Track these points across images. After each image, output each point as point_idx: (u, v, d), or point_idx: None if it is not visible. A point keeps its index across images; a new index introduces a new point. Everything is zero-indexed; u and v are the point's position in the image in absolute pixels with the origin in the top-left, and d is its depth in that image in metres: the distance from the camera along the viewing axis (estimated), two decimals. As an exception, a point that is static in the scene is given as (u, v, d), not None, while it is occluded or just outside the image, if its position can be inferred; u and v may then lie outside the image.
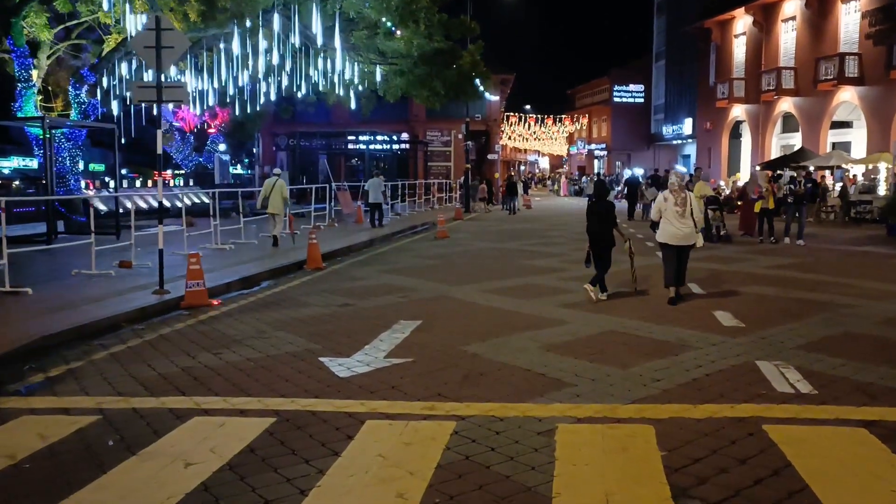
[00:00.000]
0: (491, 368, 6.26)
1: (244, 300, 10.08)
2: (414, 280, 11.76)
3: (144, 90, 9.76)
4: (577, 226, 23.54)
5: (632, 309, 9.01)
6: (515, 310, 9.03)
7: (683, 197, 9.52)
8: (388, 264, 14.03)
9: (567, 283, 11.25)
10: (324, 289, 10.97)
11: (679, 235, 9.41)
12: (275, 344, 7.29)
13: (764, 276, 11.69)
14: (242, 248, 15.85)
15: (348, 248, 16.68)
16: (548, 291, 10.44)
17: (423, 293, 10.43)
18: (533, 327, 7.92)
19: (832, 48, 31.20)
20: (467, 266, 13.61)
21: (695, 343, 7.03)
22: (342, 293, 10.51)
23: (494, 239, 19.16)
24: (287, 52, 17.93)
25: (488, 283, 11.27)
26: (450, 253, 15.88)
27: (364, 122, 38.20)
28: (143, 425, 4.89)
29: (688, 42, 46.07)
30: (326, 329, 8.00)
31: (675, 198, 9.50)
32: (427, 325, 8.11)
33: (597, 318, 8.35)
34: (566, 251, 15.83)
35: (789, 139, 36.46)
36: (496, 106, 47.12)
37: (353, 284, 11.40)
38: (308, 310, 9.20)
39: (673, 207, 9.43)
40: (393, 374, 6.10)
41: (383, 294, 10.38)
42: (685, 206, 9.40)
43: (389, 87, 19.34)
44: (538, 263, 13.75)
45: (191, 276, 9.58)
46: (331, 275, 12.67)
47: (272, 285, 11.48)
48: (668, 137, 52.46)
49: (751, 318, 8.24)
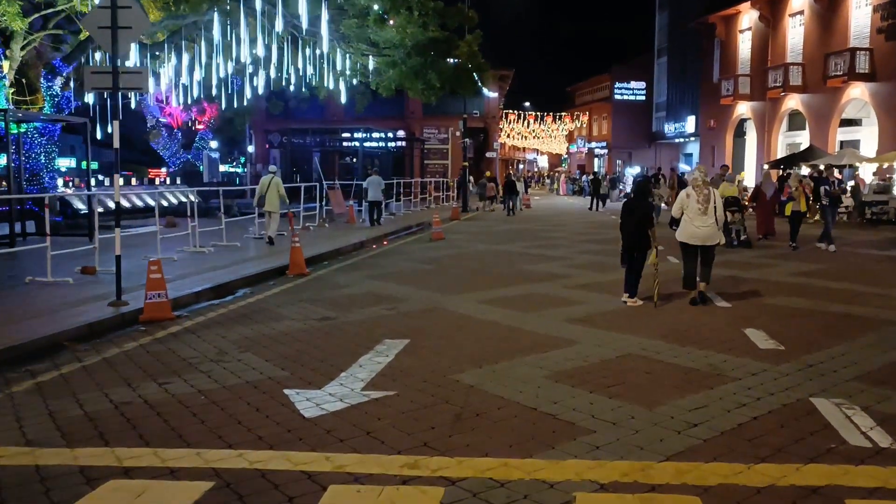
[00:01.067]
0: (488, 406, 5.18)
1: (213, 312, 8.99)
2: (404, 288, 10.67)
3: (99, 76, 8.67)
4: (579, 227, 22.59)
5: (651, 325, 7.93)
6: (517, 325, 7.95)
7: (707, 194, 8.99)
8: (377, 269, 12.94)
9: (573, 292, 10.17)
10: (304, 298, 9.88)
11: (700, 234, 8.94)
12: (236, 370, 6.20)
13: (790, 285, 10.61)
14: (223, 251, 14.76)
15: (337, 251, 15.59)
16: (552, 302, 9.36)
17: (413, 304, 9.35)
18: (537, 349, 6.84)
19: (842, 43, 30.18)
20: (463, 272, 12.53)
21: (730, 371, 5.95)
22: (324, 304, 9.43)
23: (493, 241, 18.08)
24: (273, 41, 16.82)
25: (486, 293, 10.19)
26: (444, 256, 14.80)
27: (359, 119, 37.12)
28: (41, 492, 3.80)
29: (691, 38, 45.02)
30: (299, 350, 6.92)
31: (698, 194, 8.98)
32: (415, 346, 7.03)
33: (611, 338, 7.27)
34: (570, 254, 14.75)
35: (795, 137, 35.45)
36: (495, 103, 46.07)
37: (337, 293, 10.32)
38: (282, 325, 8.12)
39: (695, 205, 8.94)
40: (370, 414, 5.02)
41: (369, 305, 9.30)
42: (708, 203, 8.90)
43: (382, 80, 18.23)
44: (540, 269, 12.67)
45: (151, 287, 8.49)
46: (314, 282, 11.58)
47: (248, 294, 10.39)
48: (669, 136, 51.40)
49: (789, 338, 7.16)
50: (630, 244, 9.18)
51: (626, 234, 9.28)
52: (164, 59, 16.41)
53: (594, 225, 23.19)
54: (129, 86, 8.68)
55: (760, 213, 16.18)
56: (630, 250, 9.19)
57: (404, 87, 18.07)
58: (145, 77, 8.64)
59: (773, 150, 35.71)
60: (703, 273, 9.16)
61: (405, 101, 43.90)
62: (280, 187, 16.04)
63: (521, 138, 62.29)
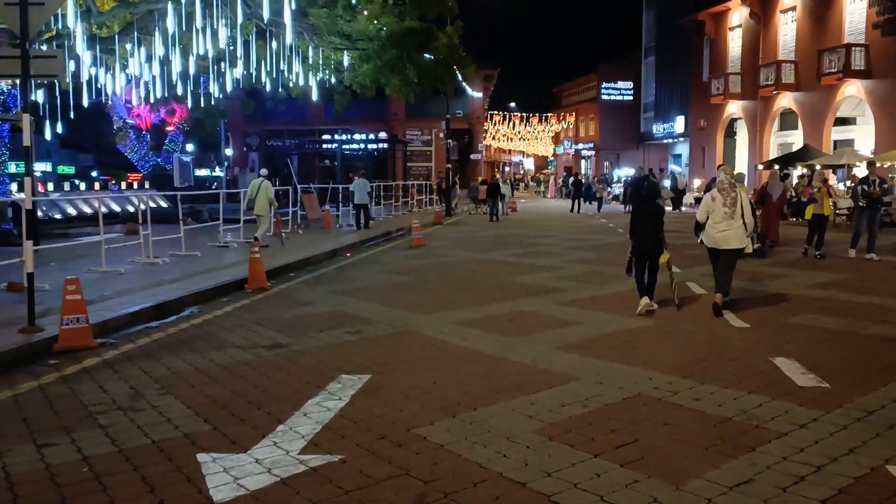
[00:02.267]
0: (462, 478, 3.91)
1: (146, 338, 7.66)
2: (374, 306, 9.38)
3: (6, 62, 7.33)
4: (568, 232, 21.30)
5: (661, 352, 6.69)
6: (501, 355, 6.69)
7: (734, 196, 8.47)
8: (347, 283, 11.65)
9: (566, 310, 8.91)
10: (257, 319, 8.58)
11: (727, 239, 8.46)
12: (146, 422, 4.90)
13: (811, 300, 9.40)
14: (181, 262, 13.41)
15: (306, 260, 14.28)
16: (543, 323, 8.11)
17: (382, 326, 8.07)
18: (526, 387, 5.58)
19: (836, 39, 29.23)
20: (442, 285, 11.26)
21: (771, 421, 4.70)
22: (278, 326, 8.13)
23: (476, 248, 16.82)
24: (238, 34, 15.49)
25: (466, 311, 8.93)
26: (423, 266, 13.53)
27: (340, 121, 35.82)
28: None
29: (679, 36, 44.05)
30: (235, 391, 5.62)
31: (724, 197, 8.47)
32: (376, 384, 5.75)
33: (615, 371, 6.02)
34: (560, 263, 13.51)
35: (787, 137, 34.53)
36: (479, 103, 44.90)
37: (297, 312, 9.02)
38: (223, 355, 6.82)
39: (721, 208, 8.45)
40: (302, 496, 3.74)
41: (330, 327, 8.01)
42: (735, 206, 8.42)
43: (356, 76, 16.93)
44: (527, 281, 11.42)
45: (67, 310, 7.15)
46: (274, 298, 10.27)
47: (195, 314, 9.07)
48: (658, 136, 50.37)
49: (830, 371, 5.93)
50: (643, 250, 8.61)
51: (637, 239, 8.66)
52: (120, 54, 15.03)
53: (584, 229, 21.99)
54: (43, 72, 7.37)
55: (766, 218, 14.87)
56: (643, 257, 8.64)
57: (380, 82, 16.77)
58: (60, 63, 7.32)
59: (766, 150, 34.79)
60: (720, 281, 8.55)
61: (387, 102, 42.70)
62: (270, 191, 15.89)
63: (506, 140, 61.12)
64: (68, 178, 54.09)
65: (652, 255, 8.61)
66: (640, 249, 8.62)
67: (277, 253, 14.73)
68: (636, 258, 8.69)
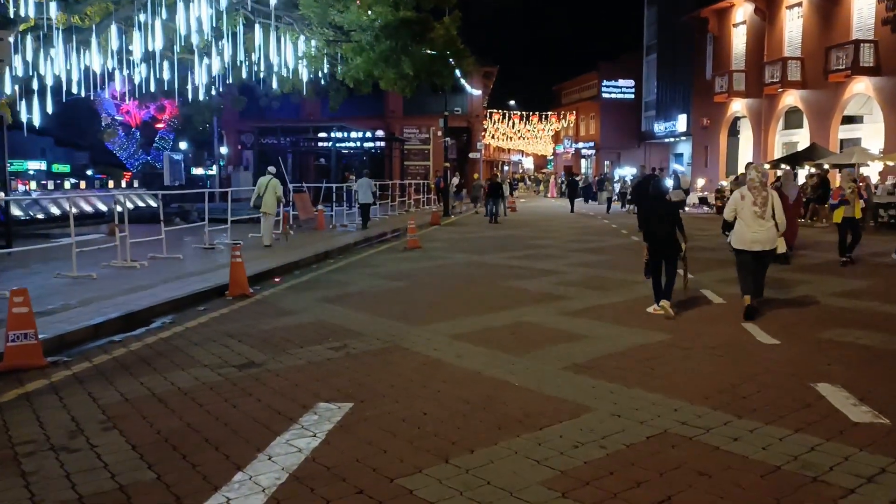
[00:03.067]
0: (456, 554, 3.12)
1: (105, 355, 6.86)
2: (362, 316, 8.58)
3: (-55, 45, 6.52)
4: (569, 233, 20.46)
5: (684, 373, 5.90)
6: (501, 377, 5.89)
7: (764, 196, 8.16)
8: (335, 288, 10.85)
9: (572, 321, 8.11)
10: (233, 331, 7.78)
11: (757, 240, 8.14)
12: (78, 468, 4.09)
13: (843, 311, 8.58)
14: (160, 265, 12.60)
15: (294, 264, 13.48)
16: (547, 337, 7.31)
17: (369, 340, 7.27)
18: (531, 421, 4.78)
19: (844, 35, 28.44)
20: (437, 291, 10.45)
21: (829, 471, 3.88)
22: (255, 340, 7.33)
23: (474, 250, 16.02)
24: (224, 24, 14.66)
25: (463, 322, 8.13)
26: (418, 271, 12.73)
27: (336, 119, 34.96)
28: None
29: (681, 34, 43.27)
30: (191, 424, 4.82)
31: (755, 196, 8.15)
32: (359, 415, 4.96)
33: (633, 398, 5.22)
34: (562, 267, 12.71)
35: (792, 136, 33.78)
36: (478, 101, 44.08)
37: (278, 323, 8.22)
38: (187, 377, 6.01)
39: (751, 207, 8.14)
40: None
41: (312, 342, 7.21)
42: (766, 205, 8.12)
43: (349, 69, 16.10)
44: (529, 287, 10.63)
45: (13, 325, 6.34)
46: (254, 306, 9.47)
47: (165, 325, 8.27)
48: (659, 135, 49.58)
49: (885, 401, 5.10)
50: (659, 251, 8.30)
51: (653, 240, 8.36)
52: (101, 43, 14.18)
53: (586, 231, 21.19)
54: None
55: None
56: (658, 258, 8.33)
57: (374, 76, 15.95)
58: (6, 48, 6.50)
59: (770, 150, 34.02)
60: (755, 283, 8.28)
61: (384, 99, 41.84)
62: (278, 189, 15.73)
63: (505, 139, 60.26)
64: (63, 177, 53.39)
65: (668, 255, 8.29)
66: (657, 250, 8.31)
67: (266, 254, 13.93)
68: (652, 259, 8.37)
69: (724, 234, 9.10)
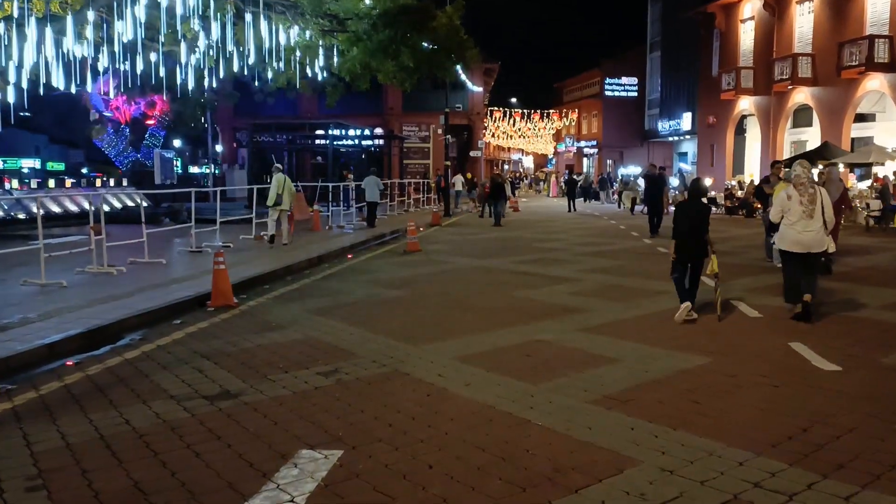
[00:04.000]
0: None
1: (55, 382, 5.91)
2: (357, 332, 7.65)
3: None
4: (578, 234, 19.38)
5: (737, 409, 4.96)
6: (519, 413, 4.95)
7: (812, 193, 7.77)
8: (329, 298, 9.90)
9: (594, 339, 7.17)
10: (210, 351, 6.84)
11: (806, 241, 7.77)
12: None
13: (894, 326, 7.68)
14: (141, 271, 11.67)
15: (287, 269, 12.54)
16: (567, 359, 6.37)
17: (364, 363, 6.33)
18: (563, 478, 3.84)
19: (858, 31, 27.54)
20: (440, 302, 9.51)
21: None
22: (234, 363, 6.39)
23: (478, 253, 15.08)
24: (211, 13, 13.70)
25: (470, 340, 7.19)
26: (418, 277, 11.78)
27: (334, 116, 33.95)
28: None
29: (686, 30, 42.33)
30: (137, 485, 3.87)
31: (802, 194, 7.77)
32: (348, 469, 4.02)
33: (684, 446, 4.27)
34: (575, 274, 11.77)
35: (801, 134, 32.91)
36: (479, 98, 43.14)
37: (261, 341, 7.28)
38: (146, 412, 5.07)
39: (799, 207, 7.76)
40: None
41: (298, 365, 6.27)
42: (815, 203, 7.72)
43: (345, 61, 15.13)
44: (540, 296, 9.69)
45: (-55, 348, 5.40)
46: (239, 319, 8.53)
47: (134, 342, 7.33)
48: (663, 133, 48.61)
49: None
50: (685, 253, 7.99)
51: (680, 241, 8.04)
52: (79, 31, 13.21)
53: (593, 232, 20.24)
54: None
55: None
56: (684, 260, 8.01)
57: (372, 68, 14.99)
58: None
59: (779, 148, 33.13)
60: (807, 282, 7.88)
61: (383, 96, 40.89)
62: (291, 185, 15.77)
63: (506, 138, 59.27)
64: (58, 175, 52.43)
65: (695, 258, 8.00)
66: (683, 251, 7.99)
67: (256, 258, 12.99)
68: (678, 260, 8.07)
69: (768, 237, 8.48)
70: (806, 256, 7.82)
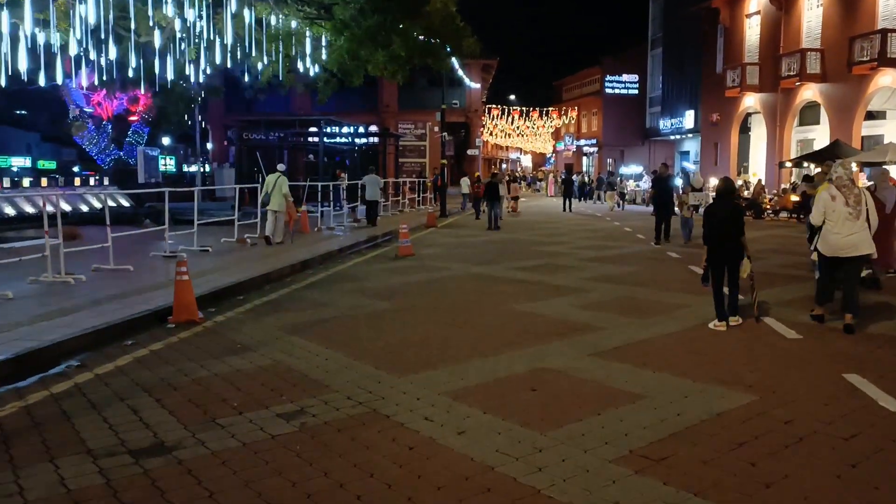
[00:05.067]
0: None
1: (-43, 427, 4.81)
2: (334, 356, 6.55)
3: None
4: (581, 237, 18.06)
5: (816, 470, 3.88)
6: (528, 482, 3.85)
7: (857, 194, 7.34)
8: (307, 311, 8.81)
9: (610, 367, 6.08)
10: (154, 383, 5.74)
11: (850, 244, 7.27)
12: None
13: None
14: (103, 279, 10.56)
15: (265, 276, 11.43)
16: (581, 396, 5.29)
17: (337, 401, 5.24)
18: None
19: (870, 25, 26.48)
20: (431, 318, 8.41)
21: None
22: (178, 400, 5.30)
23: (475, 258, 13.99)
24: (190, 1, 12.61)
25: (464, 369, 6.10)
26: (409, 286, 10.68)
27: (328, 113, 32.85)
28: None
29: (689, 26, 41.29)
30: None
31: (847, 195, 7.29)
32: (294, 579, 2.93)
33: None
34: (582, 283, 10.68)
35: (808, 133, 31.88)
36: (477, 95, 42.09)
37: (220, 368, 6.18)
38: (45, 478, 3.97)
39: (843, 208, 7.29)
40: None
41: (257, 403, 5.18)
42: (859, 204, 7.27)
43: (333, 52, 14.03)
44: (544, 310, 8.60)
45: None
46: (200, 338, 7.43)
47: (70, 371, 6.22)
48: (665, 132, 47.53)
49: None
50: (719, 257, 7.63)
51: (713, 244, 7.68)
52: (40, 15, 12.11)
53: (598, 234, 19.16)
54: None
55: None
56: (719, 264, 7.64)
57: (361, 58, 13.88)
58: None
59: (786, 147, 32.13)
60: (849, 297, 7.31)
61: (379, 92, 39.90)
62: (285, 186, 15.38)
63: (504, 136, 58.15)
64: (49, 174, 51.29)
65: (731, 262, 7.62)
66: (719, 255, 7.60)
67: (235, 264, 11.89)
68: (712, 266, 7.66)
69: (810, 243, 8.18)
70: (849, 262, 7.34)
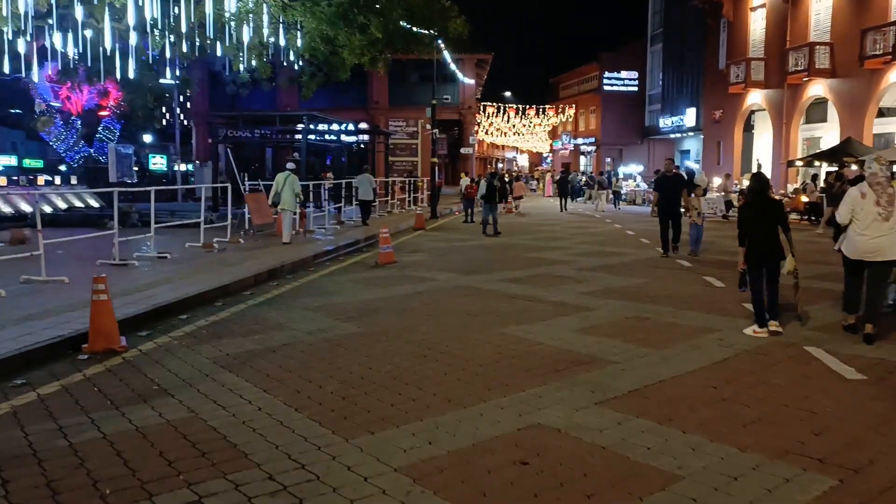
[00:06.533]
0: None
1: None
2: (269, 403, 5.08)
3: None
4: (580, 240, 16.39)
5: None
6: None
7: (890, 193, 6.65)
8: (257, 337, 7.32)
9: (626, 423, 4.61)
10: (14, 450, 4.27)
11: (878, 248, 6.63)
12: None
13: None
14: (26, 293, 9.12)
15: (223, 288, 9.97)
16: (588, 475, 3.83)
17: (252, 488, 3.77)
18: None
19: (882, 17, 25.15)
20: (402, 346, 6.93)
21: None
22: (26, 484, 3.83)
23: (463, 266, 12.53)
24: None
25: (435, 426, 4.63)
26: (385, 301, 9.21)
27: (315, 109, 31.36)
28: None
29: (691, 21, 39.97)
30: None
31: (879, 194, 6.65)
32: None
33: None
34: (584, 299, 9.21)
35: (814, 131, 30.60)
36: (471, 91, 40.62)
37: (114, 427, 4.71)
38: None
39: (873, 207, 6.66)
40: None
41: (139, 494, 3.71)
42: (892, 206, 6.58)
43: (305, 36, 12.54)
44: (540, 338, 7.14)
45: None
46: (110, 376, 5.95)
47: (-78, 427, 4.75)
48: (665, 130, 46.16)
49: None
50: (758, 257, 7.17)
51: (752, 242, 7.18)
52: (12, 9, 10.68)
53: (598, 239, 17.69)
54: None
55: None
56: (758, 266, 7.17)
57: (335, 42, 12.36)
58: None
59: (793, 145, 30.82)
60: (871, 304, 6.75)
61: (368, 89, 38.47)
62: (296, 185, 15.27)
63: (500, 134, 56.67)
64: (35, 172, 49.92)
65: (771, 261, 7.18)
66: (757, 256, 7.13)
67: (192, 272, 10.40)
68: (751, 268, 7.20)
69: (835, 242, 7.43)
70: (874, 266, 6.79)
